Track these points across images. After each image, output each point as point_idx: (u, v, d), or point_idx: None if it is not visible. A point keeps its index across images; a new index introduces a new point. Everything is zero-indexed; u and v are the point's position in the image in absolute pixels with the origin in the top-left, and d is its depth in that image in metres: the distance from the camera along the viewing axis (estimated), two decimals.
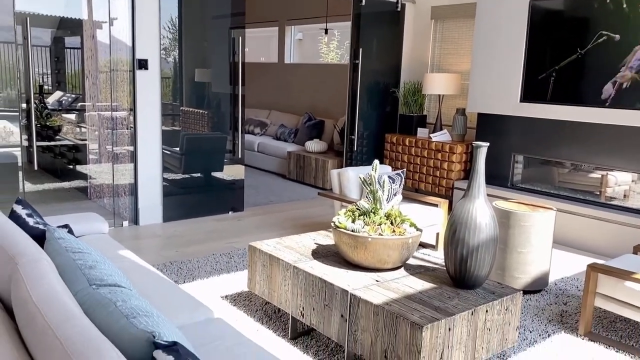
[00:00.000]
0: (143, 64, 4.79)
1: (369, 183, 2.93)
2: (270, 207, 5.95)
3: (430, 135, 6.02)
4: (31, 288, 1.46)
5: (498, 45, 5.27)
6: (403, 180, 4.37)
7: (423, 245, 4.66)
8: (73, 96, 6.19)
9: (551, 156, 5.10)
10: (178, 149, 5.23)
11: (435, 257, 3.13)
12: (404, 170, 4.49)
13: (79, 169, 6.07)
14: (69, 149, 6.19)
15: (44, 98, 6.05)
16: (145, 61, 4.80)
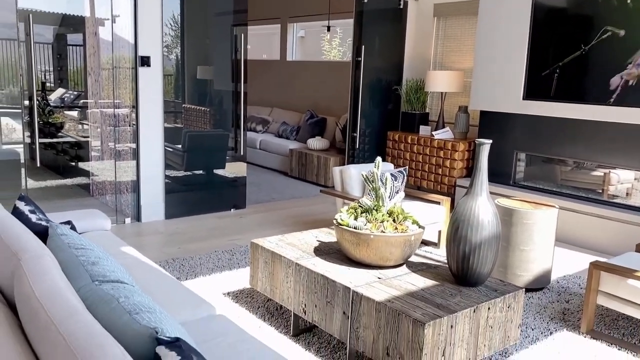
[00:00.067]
0: (145, 61, 4.79)
1: (372, 180, 2.93)
2: (272, 204, 5.95)
3: (433, 132, 6.01)
4: (34, 284, 1.46)
5: (501, 42, 5.26)
6: (405, 178, 4.36)
7: (425, 243, 4.66)
8: (75, 93, 6.20)
9: (554, 154, 5.09)
10: (180, 146, 5.23)
11: (437, 255, 3.13)
12: (406, 167, 4.49)
13: (81, 166, 6.08)
14: (71, 146, 6.19)
15: (47, 95, 6.05)
16: (148, 58, 4.80)
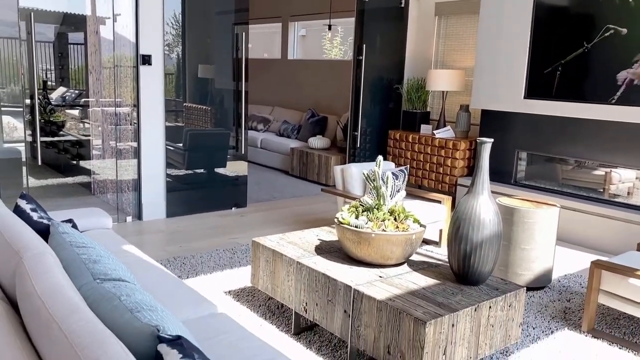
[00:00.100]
0: (147, 59, 4.79)
1: (373, 179, 2.93)
2: (273, 203, 5.95)
3: (434, 131, 6.01)
4: (36, 282, 1.46)
5: (502, 41, 5.25)
6: (406, 177, 4.36)
7: (426, 242, 4.66)
8: (76, 92, 6.20)
9: (555, 153, 5.09)
10: (181, 145, 5.24)
11: (438, 254, 3.13)
12: (407, 166, 4.49)
13: (82, 164, 6.09)
14: (72, 144, 6.20)
15: (48, 94, 6.06)
16: (149, 57, 4.80)
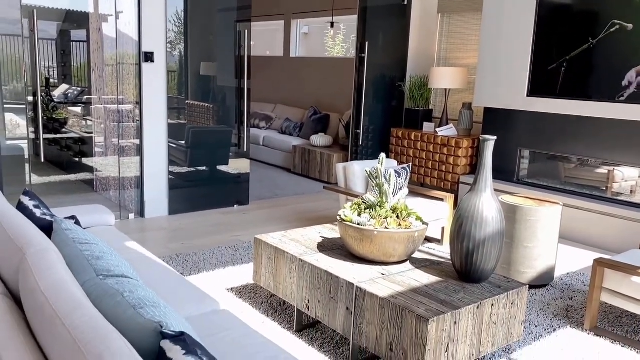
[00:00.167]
0: (149, 56, 4.79)
1: (375, 176, 2.93)
2: (275, 200, 5.95)
3: (437, 129, 6.00)
4: (39, 278, 1.46)
5: (505, 38, 5.24)
6: (409, 175, 4.36)
7: (428, 240, 4.66)
8: (79, 89, 6.21)
9: (558, 151, 5.08)
10: (184, 142, 5.24)
11: (440, 252, 3.13)
12: (410, 164, 4.48)
13: (85, 161, 6.09)
14: (75, 141, 6.21)
15: (51, 91, 6.07)
16: (152, 54, 4.80)
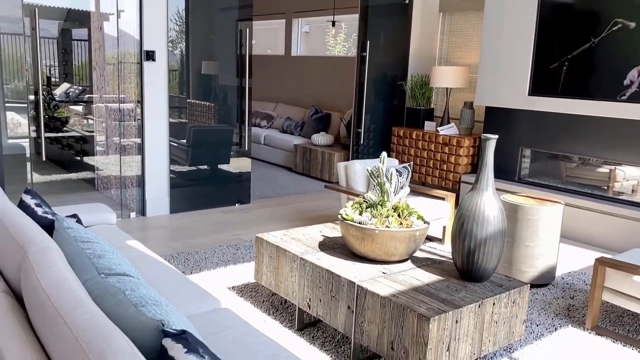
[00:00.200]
0: (150, 55, 4.79)
1: (377, 175, 2.93)
2: (276, 199, 5.95)
3: (438, 128, 6.00)
4: (41, 276, 1.46)
5: (507, 37, 5.23)
6: (410, 174, 4.36)
7: (429, 239, 4.66)
8: (80, 88, 6.21)
9: (559, 150, 5.07)
10: (185, 141, 5.24)
11: (441, 251, 3.13)
12: (411, 163, 4.48)
13: (86, 160, 6.10)
14: (76, 140, 6.21)
15: (52, 90, 6.07)
16: (153, 52, 4.80)
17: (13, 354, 1.33)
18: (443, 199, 4.49)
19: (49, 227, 2.15)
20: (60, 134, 6.11)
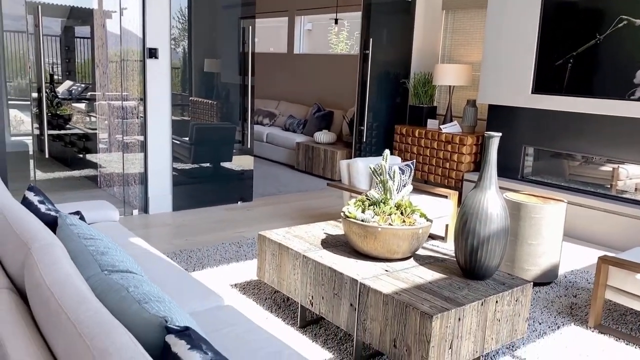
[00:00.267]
0: (153, 52, 4.79)
1: (379, 173, 2.92)
2: (278, 197, 5.95)
3: (441, 126, 5.99)
4: (44, 272, 1.47)
5: (510, 35, 5.22)
6: (412, 172, 4.35)
7: (432, 237, 4.66)
8: (83, 85, 6.21)
9: (562, 148, 5.06)
10: (187, 138, 5.24)
11: (444, 249, 3.12)
12: (414, 161, 4.48)
13: (89, 157, 6.10)
14: (79, 137, 6.22)
15: (55, 87, 6.07)
16: (155, 50, 4.80)
17: (17, 350, 1.34)
18: (446, 196, 4.49)
19: (52, 224, 2.15)
20: (63, 132, 6.12)
